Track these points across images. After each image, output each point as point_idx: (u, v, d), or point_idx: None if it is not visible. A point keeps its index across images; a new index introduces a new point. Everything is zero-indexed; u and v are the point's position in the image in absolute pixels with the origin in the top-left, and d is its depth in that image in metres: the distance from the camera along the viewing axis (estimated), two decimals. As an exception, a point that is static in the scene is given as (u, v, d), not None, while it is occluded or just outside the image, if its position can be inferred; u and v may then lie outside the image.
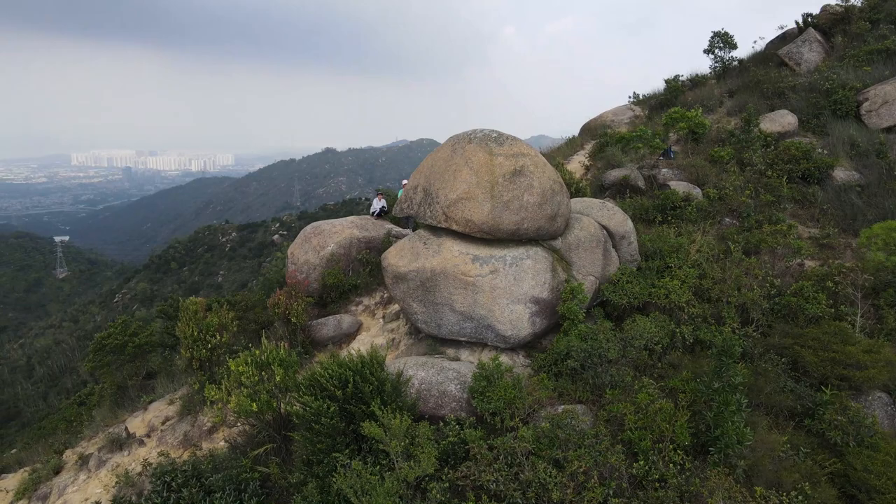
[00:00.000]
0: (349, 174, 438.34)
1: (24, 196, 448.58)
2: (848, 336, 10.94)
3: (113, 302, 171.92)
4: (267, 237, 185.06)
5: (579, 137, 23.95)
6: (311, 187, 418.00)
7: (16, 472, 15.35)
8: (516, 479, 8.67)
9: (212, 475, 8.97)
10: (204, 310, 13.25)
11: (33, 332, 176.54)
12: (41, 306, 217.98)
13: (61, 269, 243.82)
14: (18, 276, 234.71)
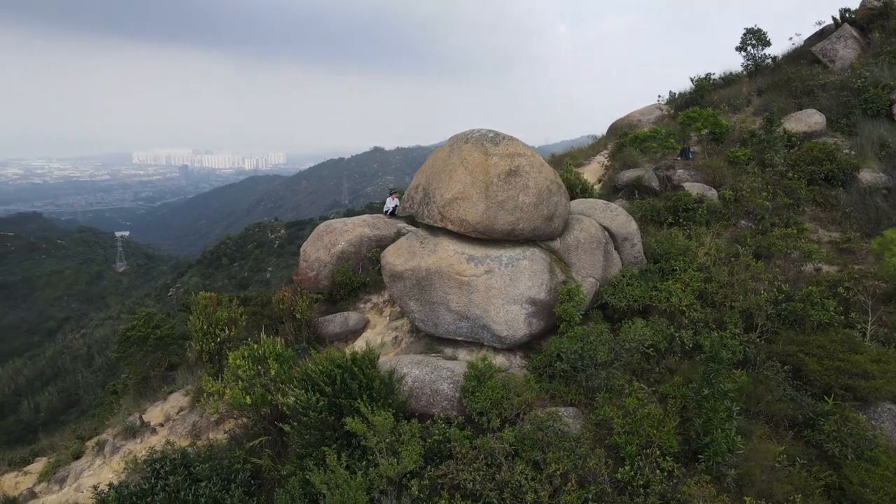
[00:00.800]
0: (396, 172, 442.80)
1: (89, 192, 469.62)
2: (856, 344, 10.51)
3: (167, 295, 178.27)
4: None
5: (605, 137, 23.62)
6: (360, 185, 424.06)
7: (48, 455, 16.22)
8: (493, 480, 8.67)
9: (200, 465, 9.25)
10: (214, 304, 13.70)
11: (93, 322, 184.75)
12: (101, 298, 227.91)
13: (121, 262, 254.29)
14: (81, 269, 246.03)
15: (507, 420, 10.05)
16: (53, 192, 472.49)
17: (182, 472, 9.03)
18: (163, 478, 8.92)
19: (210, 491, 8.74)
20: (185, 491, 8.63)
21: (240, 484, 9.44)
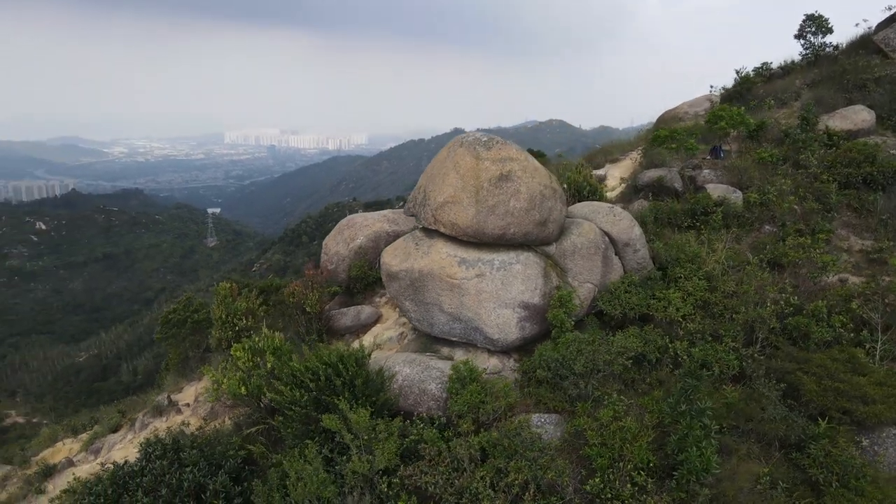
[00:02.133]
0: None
1: (185, 171, 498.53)
2: (860, 365, 9.88)
3: (251, 271, 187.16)
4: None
5: (652, 129, 22.69)
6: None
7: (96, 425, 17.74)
8: (452, 485, 8.84)
9: (189, 451, 9.93)
10: (234, 294, 14.45)
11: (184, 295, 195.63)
12: (194, 271, 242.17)
13: (211, 238, 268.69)
14: (177, 244, 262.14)
15: (484, 424, 10.15)
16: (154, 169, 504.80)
17: (171, 457, 9.71)
18: (152, 461, 9.64)
19: (194, 476, 9.38)
20: (171, 475, 9.30)
21: (228, 470, 10.05)
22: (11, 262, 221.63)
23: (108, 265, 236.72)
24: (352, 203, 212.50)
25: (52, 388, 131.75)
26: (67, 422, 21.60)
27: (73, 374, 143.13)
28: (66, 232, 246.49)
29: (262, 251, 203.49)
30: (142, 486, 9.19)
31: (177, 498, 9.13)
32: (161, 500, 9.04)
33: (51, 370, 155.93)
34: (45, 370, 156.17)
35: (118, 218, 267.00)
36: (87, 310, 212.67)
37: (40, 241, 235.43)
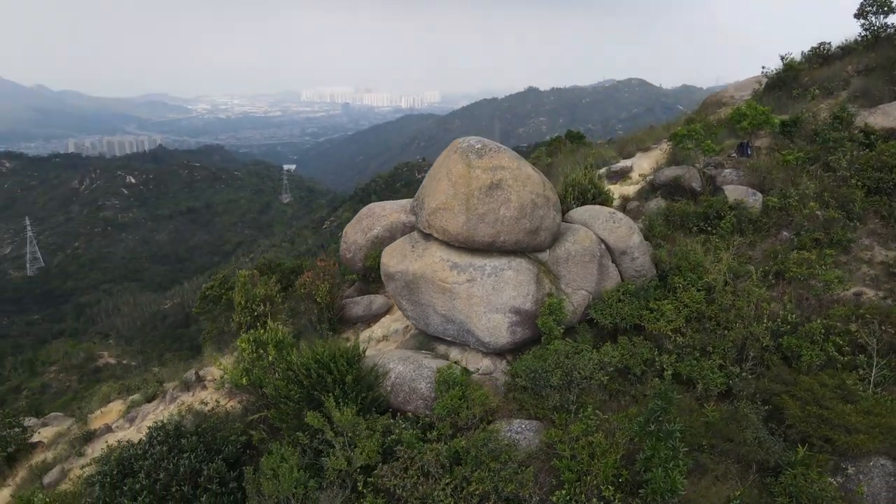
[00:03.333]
0: (550, 114, 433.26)
1: (263, 127, 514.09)
2: (849, 392, 9.52)
3: (322, 228, 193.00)
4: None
5: (697, 112, 21.64)
6: (511, 126, 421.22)
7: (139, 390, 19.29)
8: (417, 490, 9.25)
9: (189, 437, 10.77)
10: (255, 281, 15.21)
11: (260, 248, 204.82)
12: (269, 226, 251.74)
13: (286, 194, 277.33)
14: (254, 199, 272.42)
15: (462, 429, 10.46)
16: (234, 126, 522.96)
17: (171, 443, 10.58)
18: (153, 445, 10.55)
19: (190, 462, 10.21)
20: (169, 460, 10.17)
21: (226, 456, 10.86)
22: (105, 213, 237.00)
23: (190, 218, 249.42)
24: (421, 163, 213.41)
25: (140, 332, 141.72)
26: (122, 382, 23.56)
27: (159, 320, 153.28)
28: (153, 186, 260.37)
29: (333, 209, 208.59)
30: (144, 469, 10.09)
31: (174, 482, 9.98)
32: (159, 483, 9.92)
33: (139, 316, 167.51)
34: (134, 315, 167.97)
35: (200, 173, 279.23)
36: (171, 260, 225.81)
37: (130, 195, 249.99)
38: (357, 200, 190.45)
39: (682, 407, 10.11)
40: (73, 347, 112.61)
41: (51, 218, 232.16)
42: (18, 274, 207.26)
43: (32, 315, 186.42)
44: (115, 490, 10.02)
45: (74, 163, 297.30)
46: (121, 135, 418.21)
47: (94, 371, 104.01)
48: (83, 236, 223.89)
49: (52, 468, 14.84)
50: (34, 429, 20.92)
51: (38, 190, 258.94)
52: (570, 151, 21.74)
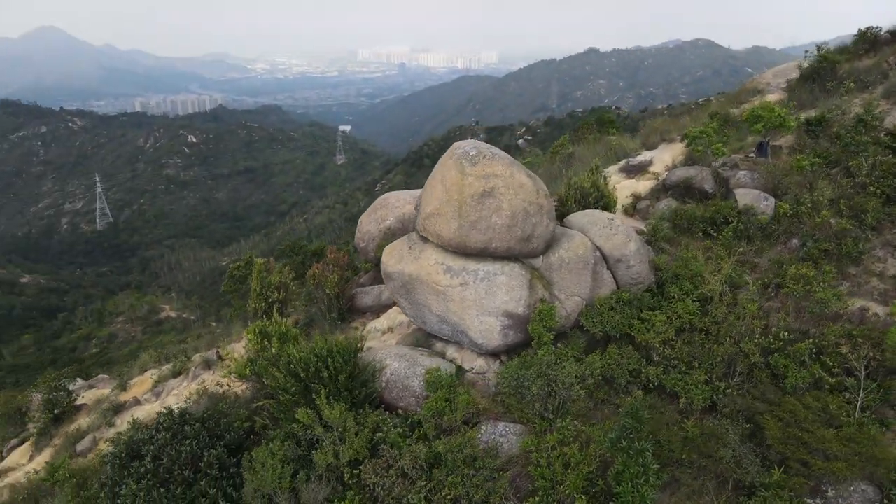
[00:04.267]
0: (610, 77, 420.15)
1: (320, 88, 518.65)
2: (832, 416, 9.36)
3: (375, 190, 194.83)
4: (512, 141, 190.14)
5: (737, 95, 20.67)
6: (569, 89, 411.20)
7: (170, 363, 20.44)
8: (392, 490, 9.68)
9: (191, 425, 11.49)
10: (271, 268, 15.80)
11: (314, 209, 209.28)
12: (323, 187, 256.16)
13: (340, 156, 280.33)
14: (309, 160, 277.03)
15: (446, 431, 10.79)
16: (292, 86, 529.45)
17: (175, 429, 11.33)
18: (159, 431, 11.32)
19: (191, 448, 10.94)
20: (171, 446, 10.92)
21: (227, 443, 11.57)
22: (168, 171, 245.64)
23: (248, 178, 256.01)
24: (474, 127, 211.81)
25: (199, 287, 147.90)
26: (161, 351, 24.96)
27: (217, 276, 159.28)
28: (213, 145, 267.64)
29: (386, 171, 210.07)
30: (150, 454, 10.88)
31: (175, 466, 10.74)
32: (162, 467, 10.70)
33: (199, 271, 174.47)
34: (194, 271, 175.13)
35: (258, 133, 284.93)
36: (230, 218, 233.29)
37: (191, 153, 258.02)
38: (410, 163, 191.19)
39: (660, 421, 10.17)
40: (138, 300, 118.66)
41: (118, 175, 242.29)
42: (89, 228, 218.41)
43: (102, 268, 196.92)
44: (123, 471, 10.85)
45: (140, 121, 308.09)
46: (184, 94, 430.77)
47: (157, 323, 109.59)
48: (148, 193, 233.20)
49: (85, 436, 16.08)
50: (81, 391, 22.55)
51: (106, 147, 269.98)
52: (594, 141, 21.28)
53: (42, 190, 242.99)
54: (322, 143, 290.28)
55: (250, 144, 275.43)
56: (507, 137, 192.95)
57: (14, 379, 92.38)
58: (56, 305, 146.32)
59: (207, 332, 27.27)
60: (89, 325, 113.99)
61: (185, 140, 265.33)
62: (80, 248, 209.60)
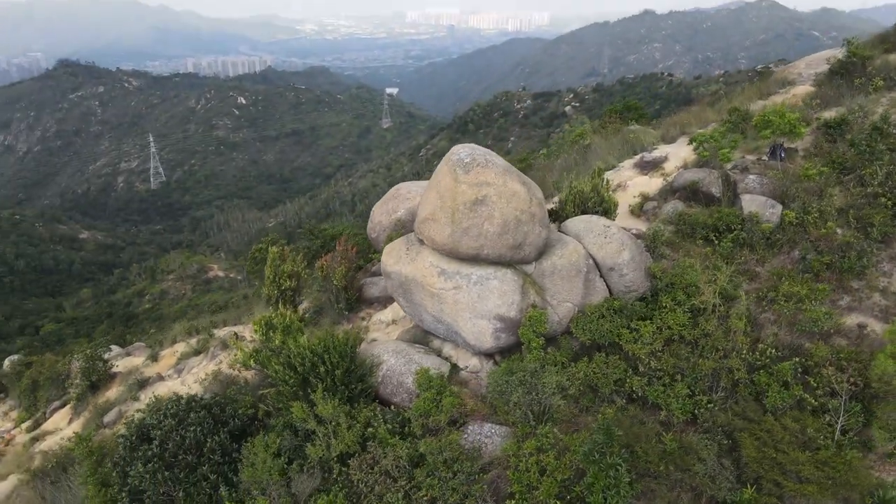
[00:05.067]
0: (666, 41, 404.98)
1: (368, 50, 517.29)
2: (810, 439, 9.36)
3: (419, 155, 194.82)
4: (559, 107, 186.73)
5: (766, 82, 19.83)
6: (622, 53, 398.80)
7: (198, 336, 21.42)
8: (374, 488, 10.16)
9: (196, 412, 12.19)
10: (285, 256, 16.28)
11: (358, 173, 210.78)
12: (368, 151, 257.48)
13: (386, 119, 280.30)
14: (355, 123, 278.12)
15: (432, 431, 11.18)
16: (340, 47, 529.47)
17: (181, 416, 12.04)
18: (167, 418, 12.05)
19: (195, 434, 11.65)
20: (176, 431, 11.65)
21: (231, 429, 12.25)
22: (218, 132, 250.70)
23: (295, 140, 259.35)
24: (520, 93, 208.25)
25: (246, 248, 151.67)
26: (193, 323, 26.14)
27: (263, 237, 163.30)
28: (262, 107, 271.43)
29: (431, 136, 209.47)
30: (157, 438, 11.64)
31: (180, 451, 11.46)
32: (168, 452, 11.44)
33: (247, 231, 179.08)
34: (242, 231, 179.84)
35: (305, 96, 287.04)
36: (277, 180, 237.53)
37: (241, 115, 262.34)
38: (454, 129, 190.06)
39: (640, 432, 10.31)
40: (188, 259, 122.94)
41: (171, 135, 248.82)
42: (143, 187, 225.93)
43: (155, 226, 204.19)
44: (133, 452, 11.64)
45: (192, 82, 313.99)
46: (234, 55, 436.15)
47: (205, 282, 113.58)
48: (199, 154, 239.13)
49: (112, 409, 17.18)
50: (117, 359, 23.93)
51: (159, 108, 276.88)
52: (614, 132, 20.84)
53: (100, 149, 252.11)
54: (368, 106, 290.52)
55: (298, 106, 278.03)
56: (554, 104, 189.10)
57: (73, 330, 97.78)
58: (112, 261, 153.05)
59: (246, 302, 28.29)
60: (143, 282, 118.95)
61: (235, 101, 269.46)
62: (134, 207, 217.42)
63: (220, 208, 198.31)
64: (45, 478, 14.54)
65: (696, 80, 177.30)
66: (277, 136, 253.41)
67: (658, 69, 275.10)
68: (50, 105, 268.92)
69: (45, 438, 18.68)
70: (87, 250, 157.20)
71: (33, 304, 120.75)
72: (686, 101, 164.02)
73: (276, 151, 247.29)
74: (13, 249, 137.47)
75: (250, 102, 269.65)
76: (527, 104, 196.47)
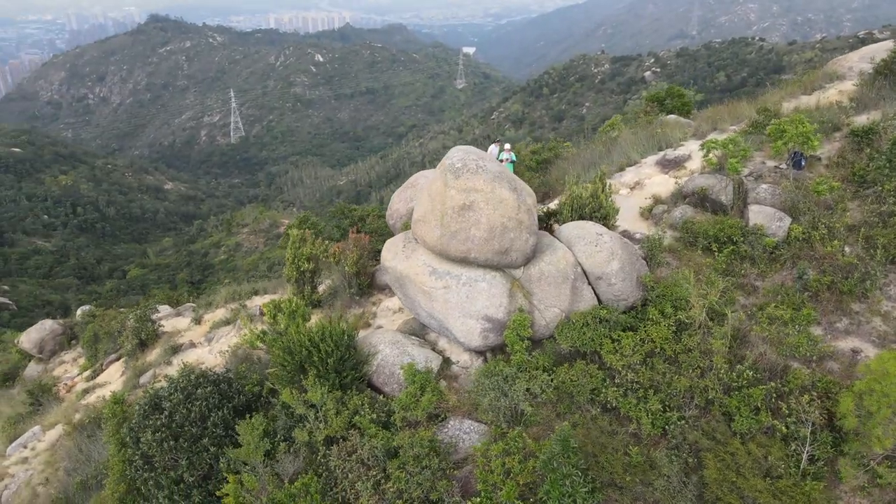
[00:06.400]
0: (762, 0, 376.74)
1: (446, 7, 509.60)
2: (771, 467, 9.30)
3: (490, 118, 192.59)
4: (639, 73, 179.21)
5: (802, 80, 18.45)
6: (713, 14, 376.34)
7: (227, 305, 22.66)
8: (348, 475, 10.83)
9: (202, 388, 13.18)
10: (303, 240, 16.97)
11: (430, 134, 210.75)
12: (441, 111, 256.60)
13: (460, 79, 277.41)
14: (429, 83, 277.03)
15: (412, 424, 11.70)
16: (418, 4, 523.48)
17: (190, 390, 13.06)
18: (175, 391, 13.10)
19: (200, 408, 12.67)
20: (183, 405, 12.70)
21: (236, 405, 13.22)
22: (295, 89, 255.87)
23: (369, 99, 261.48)
24: (598, 56, 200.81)
25: (317, 204, 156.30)
26: (236, 289, 27.53)
27: (334, 195, 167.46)
28: (338, 65, 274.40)
29: (504, 99, 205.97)
30: (167, 409, 12.74)
31: (186, 423, 12.52)
32: (175, 423, 12.52)
33: (318, 189, 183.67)
34: (314, 188, 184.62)
35: (381, 54, 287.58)
36: (350, 138, 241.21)
37: (317, 73, 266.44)
38: (528, 93, 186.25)
39: (608, 443, 10.48)
40: (262, 213, 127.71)
41: (251, 91, 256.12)
42: (224, 141, 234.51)
43: (234, 179, 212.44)
44: (145, 420, 12.81)
45: (272, 38, 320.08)
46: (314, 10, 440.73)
47: (277, 237, 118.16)
48: (276, 110, 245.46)
49: (148, 371, 18.68)
50: (167, 318, 25.71)
51: (241, 63, 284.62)
52: (646, 123, 20.06)
53: (185, 102, 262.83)
54: (443, 66, 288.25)
55: (373, 65, 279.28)
56: (634, 69, 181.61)
57: (156, 276, 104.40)
58: (193, 212, 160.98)
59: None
60: (219, 234, 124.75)
61: (312, 59, 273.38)
62: (215, 160, 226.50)
63: (295, 164, 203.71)
64: (83, 431, 16.16)
65: (790, 46, 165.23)
66: (352, 95, 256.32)
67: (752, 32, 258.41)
68: (141, 59, 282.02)
69: (95, 390, 20.54)
70: (171, 200, 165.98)
71: (122, 249, 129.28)
72: (776, 69, 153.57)
73: (350, 109, 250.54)
74: (105, 197, 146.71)
75: (327, 60, 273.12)
76: (604, 68, 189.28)
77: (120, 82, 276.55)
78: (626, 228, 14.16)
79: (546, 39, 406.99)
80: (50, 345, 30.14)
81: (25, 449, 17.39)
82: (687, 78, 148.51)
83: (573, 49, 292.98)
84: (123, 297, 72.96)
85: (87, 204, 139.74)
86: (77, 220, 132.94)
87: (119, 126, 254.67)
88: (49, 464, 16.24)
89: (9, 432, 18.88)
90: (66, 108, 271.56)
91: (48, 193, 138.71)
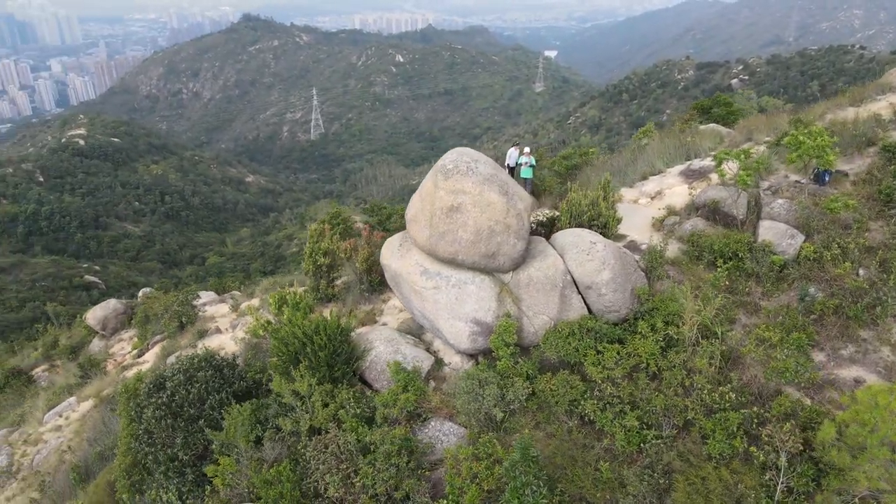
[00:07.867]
0: (869, 5, 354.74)
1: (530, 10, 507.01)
2: (742, 495, 8.79)
3: (566, 123, 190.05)
4: (725, 80, 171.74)
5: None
6: (814, 20, 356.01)
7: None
8: (320, 467, 10.98)
9: (203, 371, 13.69)
10: (325, 233, 17.30)
11: (504, 137, 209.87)
12: (518, 114, 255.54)
13: (539, 83, 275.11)
14: (507, 86, 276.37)
15: (392, 422, 11.73)
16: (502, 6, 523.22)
17: (191, 373, 13.60)
18: (178, 373, 13.66)
19: (198, 391, 13.19)
20: (183, 386, 13.25)
21: (236, 390, 13.67)
22: (375, 89, 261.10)
23: (447, 100, 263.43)
24: (682, 62, 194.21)
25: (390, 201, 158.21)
26: (275, 279, 28.41)
27: (406, 194, 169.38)
28: (418, 66, 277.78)
29: (581, 104, 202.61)
30: (168, 389, 13.33)
31: (185, 404, 13.07)
32: (174, 403, 13.09)
33: (391, 187, 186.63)
34: (388, 186, 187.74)
35: (460, 56, 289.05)
36: (425, 138, 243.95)
37: (397, 73, 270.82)
38: (607, 98, 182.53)
39: (575, 457, 10.21)
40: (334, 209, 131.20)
41: (332, 89, 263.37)
42: (304, 137, 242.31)
43: (311, 175, 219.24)
44: (149, 397, 13.46)
45: (355, 38, 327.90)
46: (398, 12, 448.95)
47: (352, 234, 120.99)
48: (356, 108, 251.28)
49: (176, 352, 19.56)
50: (211, 304, 26.87)
51: (324, 63, 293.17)
52: (678, 132, 19.11)
53: (270, 99, 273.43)
54: (522, 69, 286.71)
55: (452, 66, 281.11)
56: (720, 76, 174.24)
57: (232, 265, 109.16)
58: (271, 205, 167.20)
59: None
60: (293, 227, 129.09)
61: (393, 59, 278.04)
62: (295, 155, 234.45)
63: (371, 162, 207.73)
64: (108, 405, 17.16)
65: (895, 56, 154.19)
66: (430, 95, 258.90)
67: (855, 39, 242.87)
68: (232, 57, 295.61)
69: (133, 367, 21.75)
70: (251, 193, 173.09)
71: (203, 237, 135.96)
72: (877, 79, 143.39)
73: (427, 110, 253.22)
74: (191, 187, 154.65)
75: (407, 61, 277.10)
76: (689, 74, 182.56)
77: (212, 78, 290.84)
78: (634, 238, 13.65)
79: (631, 44, 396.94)
80: (112, 323, 31.99)
81: (60, 418, 18.63)
82: (777, 87, 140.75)
83: (659, 54, 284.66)
84: (200, 283, 76.62)
85: (174, 193, 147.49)
86: (164, 208, 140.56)
87: (208, 120, 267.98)
88: (77, 433, 17.33)
89: (52, 401, 20.30)
90: (162, 101, 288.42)
91: (140, 181, 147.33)
